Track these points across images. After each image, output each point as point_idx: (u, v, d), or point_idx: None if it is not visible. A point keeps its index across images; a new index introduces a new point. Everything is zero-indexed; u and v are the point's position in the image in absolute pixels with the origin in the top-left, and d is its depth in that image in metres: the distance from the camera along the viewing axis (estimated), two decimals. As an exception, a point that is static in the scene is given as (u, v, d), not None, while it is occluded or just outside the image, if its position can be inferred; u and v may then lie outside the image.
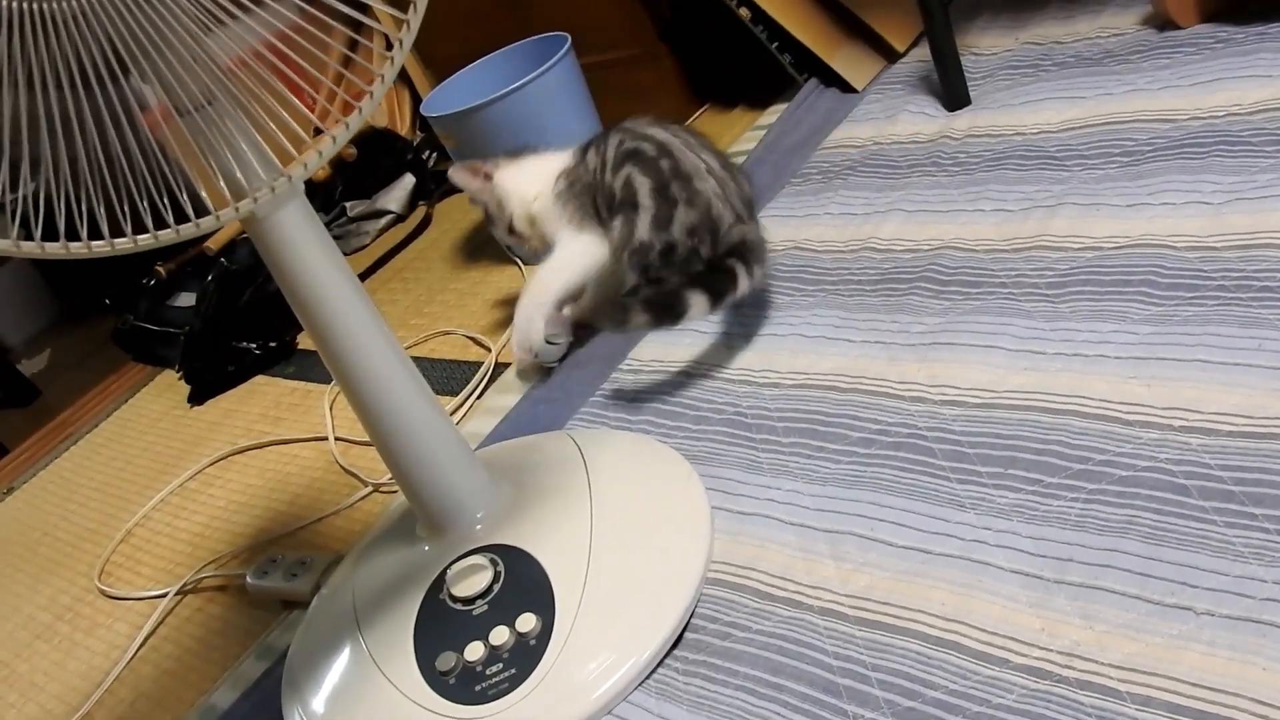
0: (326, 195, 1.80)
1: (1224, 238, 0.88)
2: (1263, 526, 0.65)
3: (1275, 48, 1.07)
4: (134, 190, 0.62)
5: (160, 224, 0.63)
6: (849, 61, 1.44)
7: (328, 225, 1.79)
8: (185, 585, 1.13)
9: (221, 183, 0.66)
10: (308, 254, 0.72)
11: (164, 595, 1.13)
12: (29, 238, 0.60)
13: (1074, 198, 1.01)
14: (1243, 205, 0.90)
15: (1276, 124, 0.97)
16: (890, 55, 1.47)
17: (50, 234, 0.62)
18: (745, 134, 1.50)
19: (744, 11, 1.42)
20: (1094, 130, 1.10)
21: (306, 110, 0.67)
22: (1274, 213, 0.87)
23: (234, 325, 1.56)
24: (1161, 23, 1.21)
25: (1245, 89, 1.04)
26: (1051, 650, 0.64)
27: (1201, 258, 0.87)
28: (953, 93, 1.27)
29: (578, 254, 1.09)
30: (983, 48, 1.38)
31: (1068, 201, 1.00)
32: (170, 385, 1.64)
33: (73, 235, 0.63)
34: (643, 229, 1.04)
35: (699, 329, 1.09)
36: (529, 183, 1.16)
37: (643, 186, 1.05)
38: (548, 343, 1.12)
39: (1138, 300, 0.86)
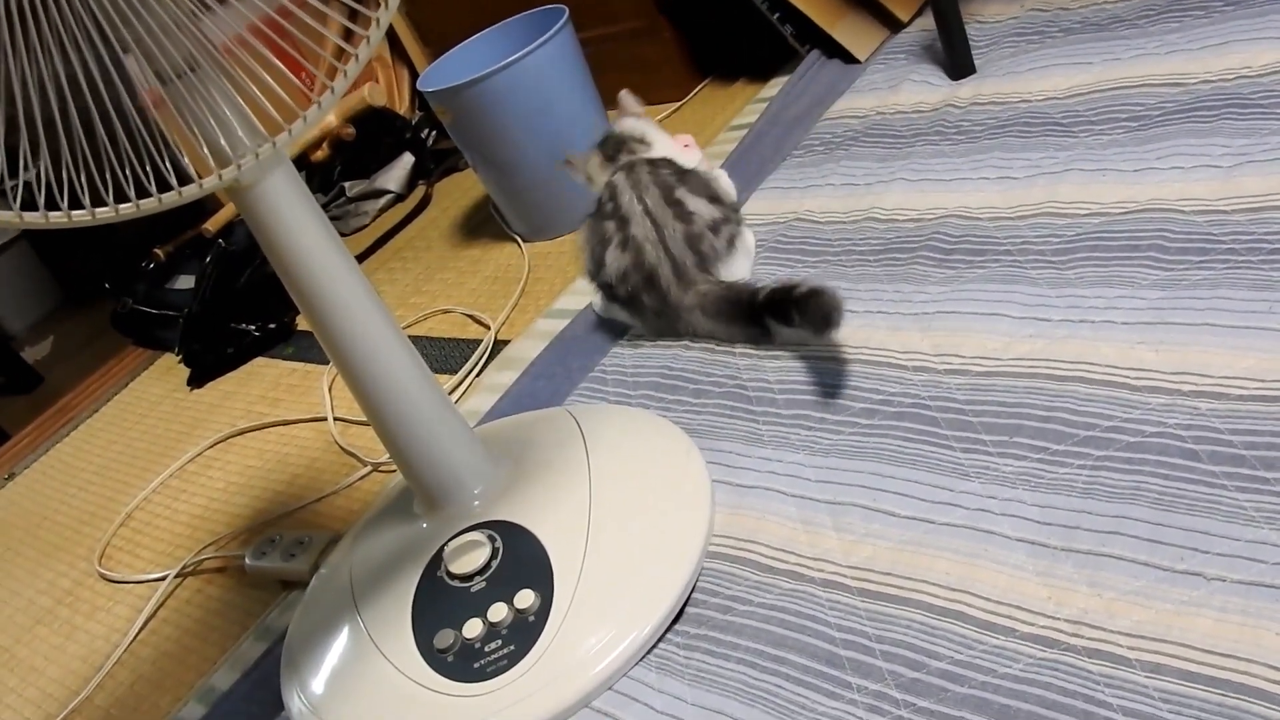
0: (325, 175, 1.78)
1: (1234, 201, 0.86)
2: (1274, 490, 0.63)
3: (1286, 8, 1.05)
4: (115, 160, 0.61)
5: (143, 193, 0.62)
6: (851, 32, 1.42)
7: (327, 205, 1.78)
8: (185, 567, 1.13)
9: (206, 150, 0.64)
10: (296, 224, 0.71)
11: (163, 578, 1.12)
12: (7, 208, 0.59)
13: (1080, 164, 0.99)
14: (1253, 168, 0.88)
15: (1287, 85, 0.95)
16: (894, 25, 1.44)
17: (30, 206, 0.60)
18: (747, 107, 1.48)
19: (744, -18, 1.40)
20: (1101, 96, 1.08)
21: (302, 85, 0.65)
22: (1285, 174, 0.85)
23: (232, 307, 1.55)
24: (1169, -15, 1.19)
25: (1256, 51, 1.01)
26: (1059, 619, 0.62)
27: (1211, 221, 0.85)
28: (957, 61, 1.25)
29: None
30: (987, 16, 1.35)
31: (1074, 168, 0.99)
32: (170, 368, 1.63)
33: (54, 207, 0.62)
34: (586, 260, 1.07)
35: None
36: None
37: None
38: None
39: (1146, 265, 0.84)
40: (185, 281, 1.66)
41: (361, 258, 1.67)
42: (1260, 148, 0.89)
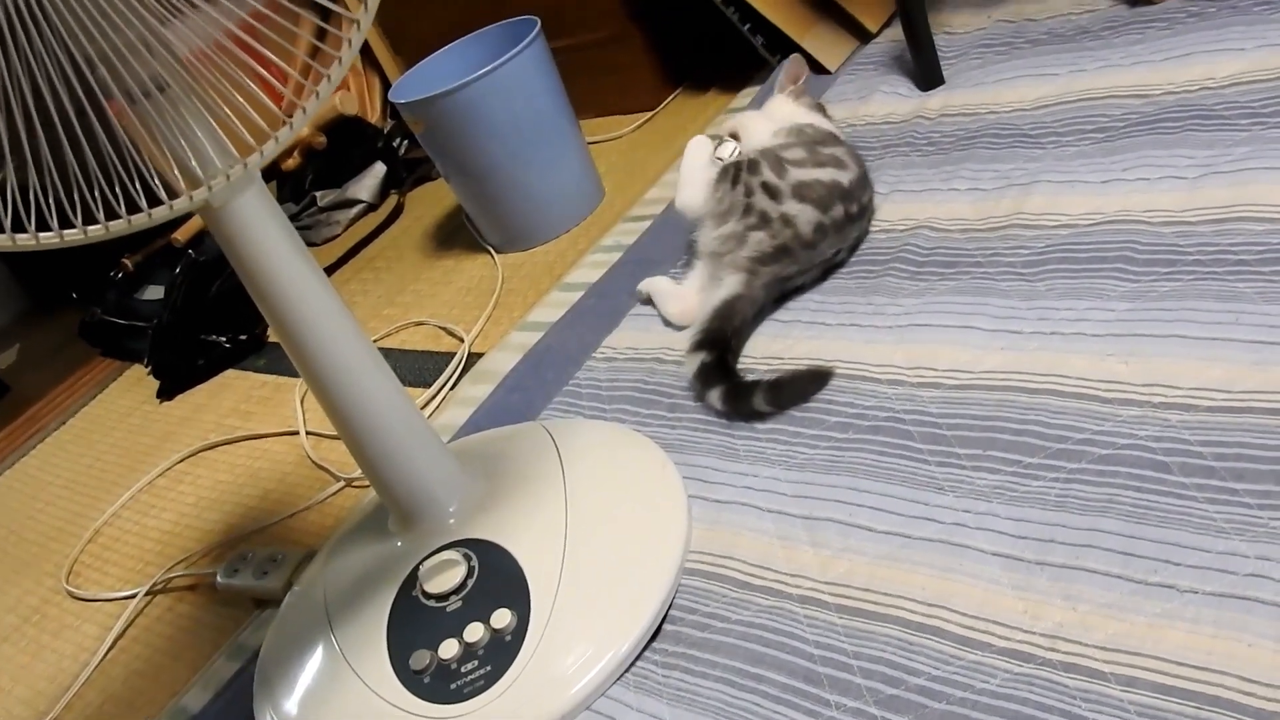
0: (296, 184, 1.77)
1: (1200, 212, 0.87)
2: (1244, 501, 0.64)
3: (1247, 21, 1.06)
4: (84, 181, 0.60)
5: (111, 214, 0.61)
6: (821, 42, 1.43)
7: (298, 215, 1.76)
8: (155, 585, 1.11)
9: (176, 171, 0.63)
10: (267, 243, 0.70)
11: (133, 596, 1.11)
12: (-27, 231, 0.58)
13: (1049, 175, 1.00)
14: (1218, 179, 0.89)
15: (1250, 97, 0.96)
16: (863, 35, 1.45)
17: (-3, 227, 0.59)
18: (718, 117, 1.49)
19: (714, -8, 1.41)
20: (1068, 107, 1.09)
21: (273, 104, 0.64)
22: (1249, 185, 0.87)
23: (203, 318, 1.53)
24: (1134, -3, 1.21)
25: (1218, 62, 1.03)
26: (1034, 633, 0.63)
27: (1177, 232, 0.86)
28: (926, 72, 1.26)
29: None
30: (955, 26, 1.37)
31: (1042, 179, 0.99)
32: (139, 380, 1.61)
33: (20, 228, 0.61)
34: None
35: (673, 314, 1.08)
36: None
37: None
38: None
39: (1114, 277, 0.85)
40: (155, 291, 1.64)
41: (333, 268, 1.66)
42: (1224, 159, 0.91)
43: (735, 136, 1.12)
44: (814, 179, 1.00)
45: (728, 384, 0.91)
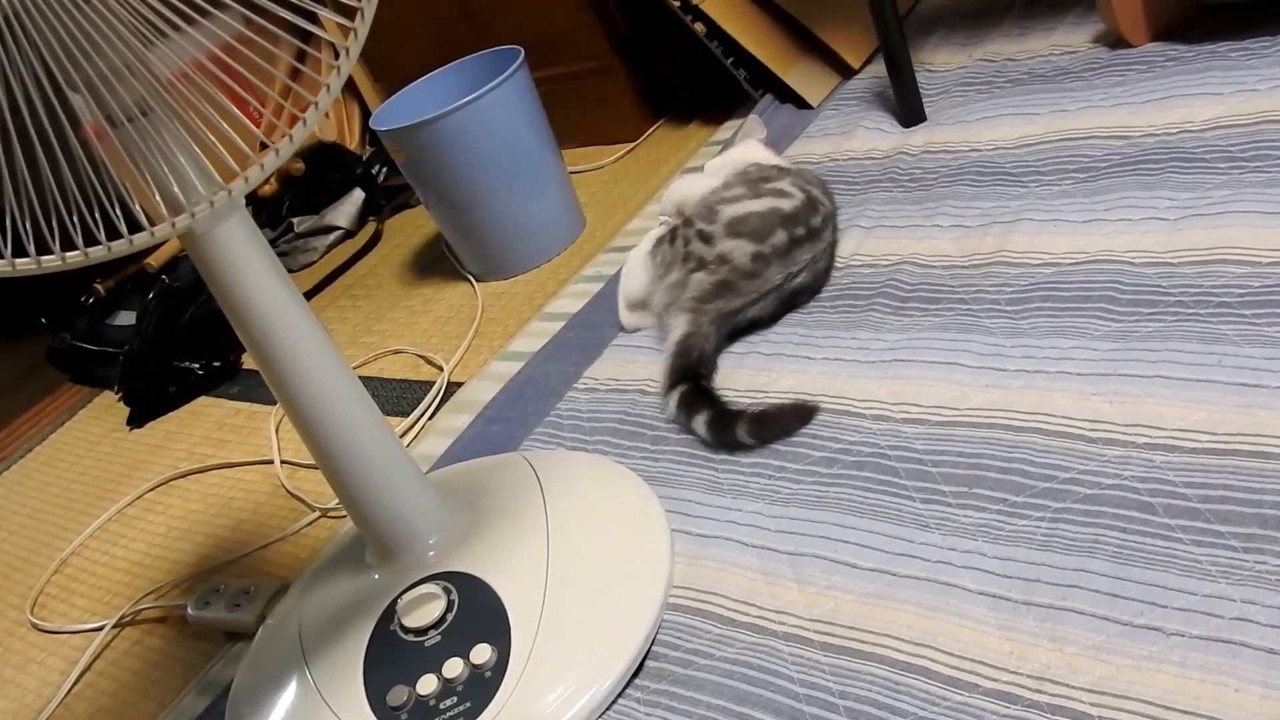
0: (273, 210, 1.75)
1: (1181, 253, 0.88)
2: (1229, 544, 0.64)
3: (1225, 65, 1.08)
4: (63, 205, 0.59)
5: (91, 241, 0.60)
6: (804, 77, 1.44)
7: (274, 241, 1.75)
8: (123, 617, 1.09)
9: (158, 197, 0.63)
10: (249, 272, 0.69)
11: (100, 628, 1.08)
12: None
13: (1031, 214, 1.00)
14: (1199, 221, 0.90)
15: (1229, 141, 0.98)
16: (845, 71, 1.46)
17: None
18: (700, 149, 1.49)
19: (699, 27, 1.41)
20: (1049, 146, 1.10)
21: (252, 125, 0.64)
22: (1230, 228, 0.87)
23: (176, 344, 1.51)
24: (1113, 41, 1.22)
25: (1197, 106, 1.04)
26: (1021, 674, 0.62)
27: (1160, 273, 0.87)
28: (908, 109, 1.27)
29: None
30: (936, 64, 1.38)
31: (1025, 217, 1.00)
32: (109, 407, 1.59)
33: (-3, 252, 0.59)
34: None
35: (655, 347, 1.07)
36: None
37: None
38: None
39: (1098, 316, 0.85)
40: (126, 317, 1.62)
41: (310, 295, 1.64)
42: (1204, 201, 0.92)
43: (680, 212, 1.13)
44: (749, 212, 1.01)
45: (713, 410, 0.90)
